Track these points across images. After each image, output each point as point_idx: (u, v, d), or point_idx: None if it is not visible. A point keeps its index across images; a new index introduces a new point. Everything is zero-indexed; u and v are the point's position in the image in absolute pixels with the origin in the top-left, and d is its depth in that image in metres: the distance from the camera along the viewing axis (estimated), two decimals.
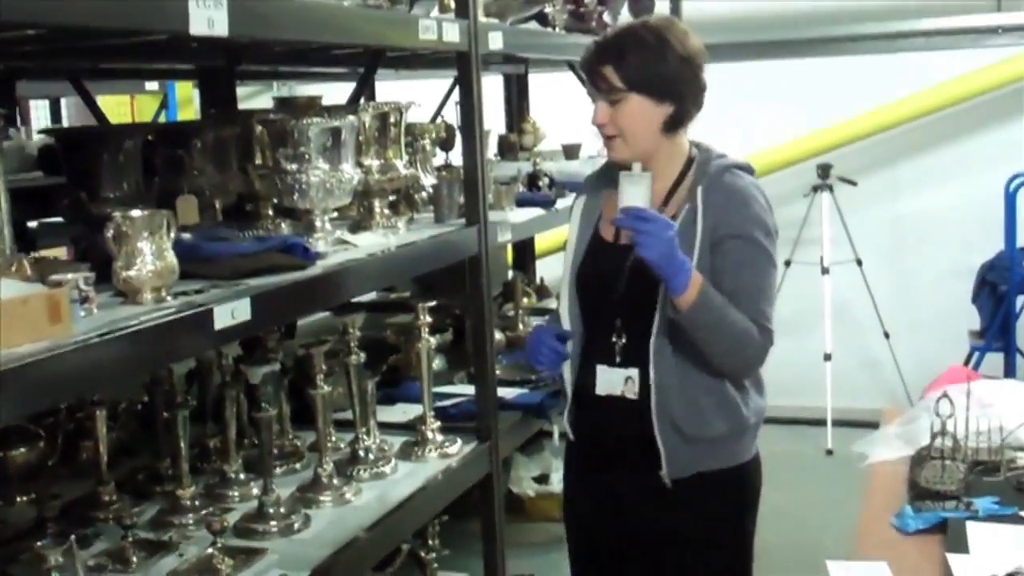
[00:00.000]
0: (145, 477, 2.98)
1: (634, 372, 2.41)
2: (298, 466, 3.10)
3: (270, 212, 3.11)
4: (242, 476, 2.91)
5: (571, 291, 2.50)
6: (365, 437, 3.08)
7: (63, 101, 6.60)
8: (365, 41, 2.61)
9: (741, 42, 6.42)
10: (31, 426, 2.78)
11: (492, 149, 4.45)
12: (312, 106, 3.38)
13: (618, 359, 2.43)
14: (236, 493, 2.88)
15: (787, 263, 6.21)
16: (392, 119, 3.07)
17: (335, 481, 2.86)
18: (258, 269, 2.34)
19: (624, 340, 2.42)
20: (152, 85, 5.56)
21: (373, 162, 3.04)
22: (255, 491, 2.85)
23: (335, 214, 2.90)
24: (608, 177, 2.52)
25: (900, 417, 3.35)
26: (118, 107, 6.91)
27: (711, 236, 2.35)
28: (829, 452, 5.78)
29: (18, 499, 2.81)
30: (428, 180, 3.42)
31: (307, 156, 2.75)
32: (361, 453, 3.05)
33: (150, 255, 2.09)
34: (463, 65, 3.12)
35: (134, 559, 2.48)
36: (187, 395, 2.82)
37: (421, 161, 3.42)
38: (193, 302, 2.08)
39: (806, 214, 6.11)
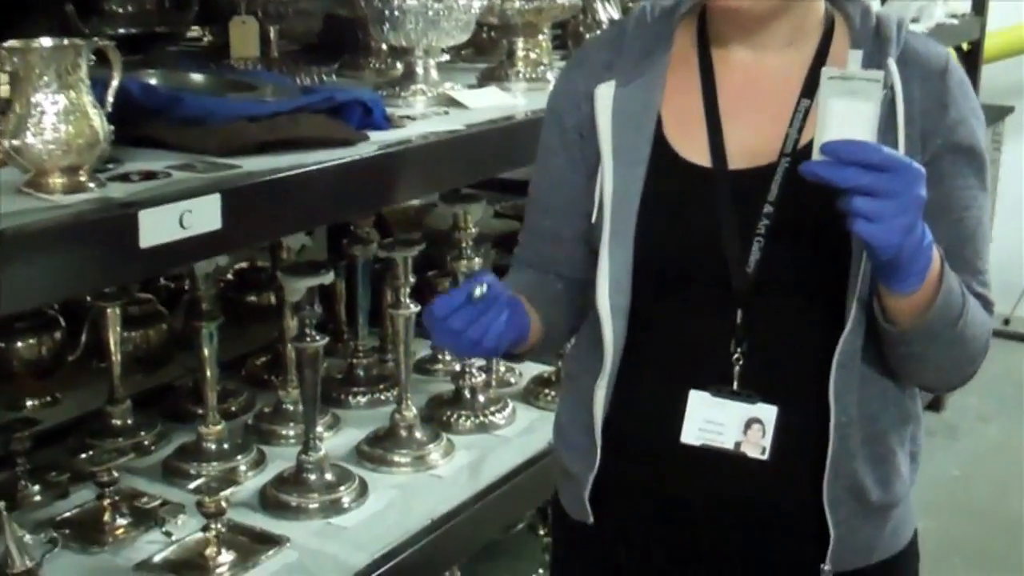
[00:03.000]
0: (185, 393, 2.26)
1: (767, 411, 1.33)
2: (387, 395, 2.30)
3: (384, 47, 2.27)
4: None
5: (618, 264, 1.35)
6: (474, 371, 2.24)
7: None
8: None
9: None
10: (51, 310, 2.10)
11: None
12: None
13: (735, 384, 1.35)
14: (292, 432, 2.12)
15: None
16: None
17: (418, 434, 2.05)
18: (270, 142, 1.50)
19: (745, 349, 1.34)
20: None
21: None
22: (321, 429, 2.09)
23: (445, 56, 2.00)
24: (657, 36, 1.40)
25: None
26: None
27: (918, 147, 1.29)
28: None
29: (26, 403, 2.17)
30: (609, 12, 2.45)
31: None
32: (467, 392, 2.22)
33: (53, 114, 1.27)
34: None
35: (106, 533, 1.77)
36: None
37: None
38: (109, 200, 1.25)
39: None
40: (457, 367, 2.29)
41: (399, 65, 2.18)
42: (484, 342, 1.24)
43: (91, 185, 1.30)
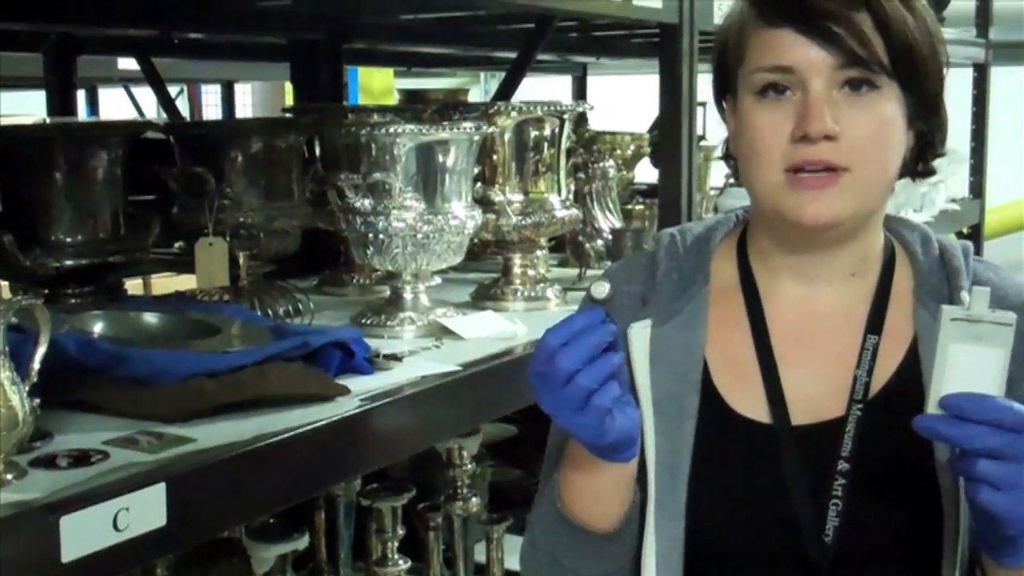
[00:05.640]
0: None
1: None
2: None
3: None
4: None
5: (667, 538, 1.13)
6: None
7: (237, 88, 5.80)
8: None
9: None
10: None
11: (721, 171, 3.10)
12: (455, 105, 2.29)
13: None
14: None
15: None
16: (547, 130, 1.95)
17: None
18: (230, 403, 1.27)
19: None
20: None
21: (511, 197, 1.92)
22: None
23: (436, 280, 1.79)
24: (693, 268, 1.21)
25: None
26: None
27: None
28: None
29: None
30: (610, 221, 2.27)
31: (387, 187, 1.66)
32: None
33: None
34: (667, 46, 1.96)
35: None
36: None
37: (600, 192, 2.27)
38: (24, 504, 1.01)
39: None
40: None
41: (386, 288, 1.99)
42: (596, 399, 0.99)
43: (8, 476, 1.07)
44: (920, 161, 1.19)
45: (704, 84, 1.64)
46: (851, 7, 1.07)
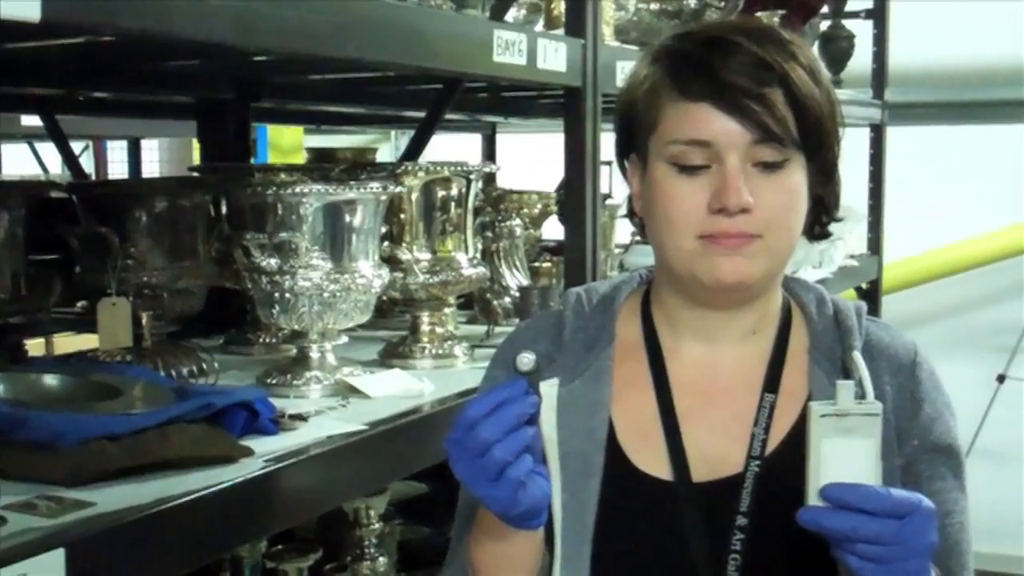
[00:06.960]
0: None
1: None
2: None
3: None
4: None
5: None
6: None
7: (144, 143, 5.74)
8: (375, 56, 1.50)
9: (951, 102, 5.15)
10: None
11: (627, 228, 3.11)
12: (363, 164, 2.31)
13: None
14: None
15: (1000, 378, 4.87)
16: (454, 190, 1.97)
17: None
18: (132, 466, 1.26)
19: None
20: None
21: (419, 255, 1.94)
22: None
23: (343, 338, 1.80)
24: (598, 327, 1.25)
25: None
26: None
27: (894, 449, 1.16)
28: None
29: None
30: (517, 278, 2.30)
31: (294, 247, 1.67)
32: None
33: None
34: (571, 107, 2.01)
35: None
36: None
37: (508, 250, 2.30)
38: None
39: None
40: None
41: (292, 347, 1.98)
42: (511, 472, 1.02)
43: None
44: (816, 224, 1.24)
45: (608, 144, 1.68)
46: (765, 83, 1.12)
